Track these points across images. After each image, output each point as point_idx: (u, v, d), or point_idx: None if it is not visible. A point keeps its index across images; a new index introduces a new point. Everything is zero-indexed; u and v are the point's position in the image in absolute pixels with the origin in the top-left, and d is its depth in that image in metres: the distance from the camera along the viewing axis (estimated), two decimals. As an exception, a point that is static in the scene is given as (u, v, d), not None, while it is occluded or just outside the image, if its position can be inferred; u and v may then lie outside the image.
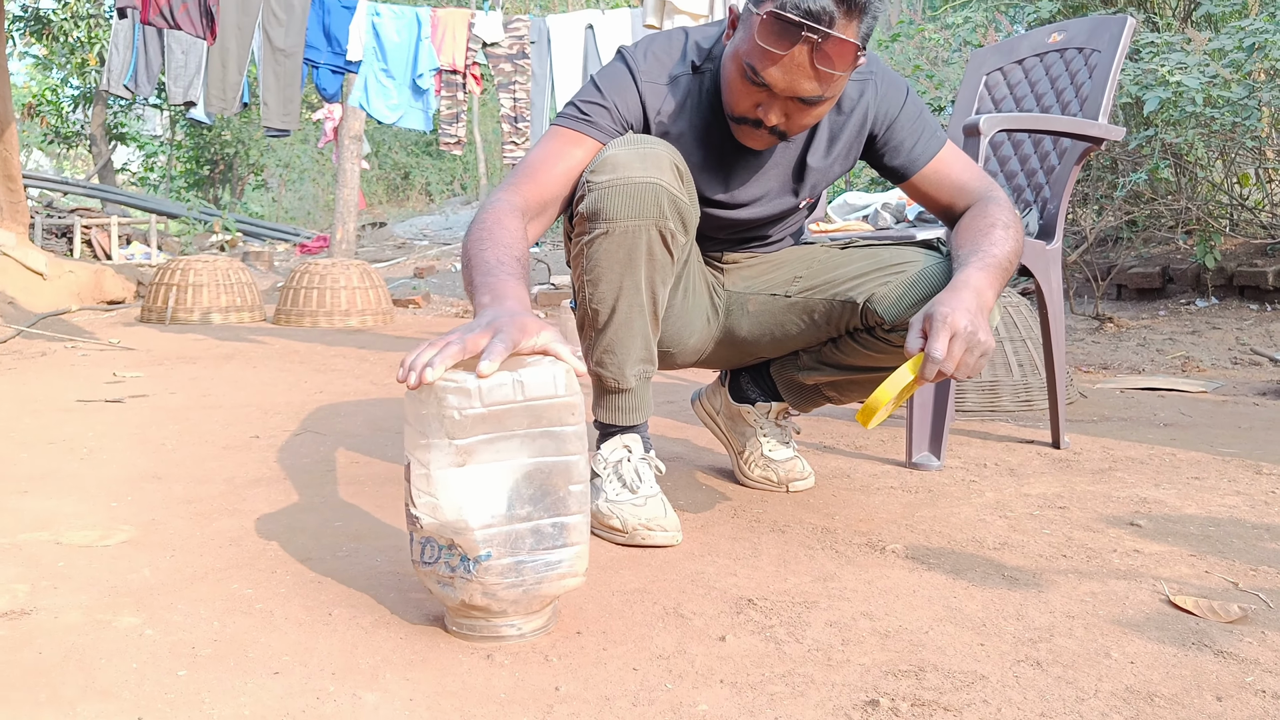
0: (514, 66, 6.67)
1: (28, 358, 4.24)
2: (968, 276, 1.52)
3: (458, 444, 1.15)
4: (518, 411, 1.17)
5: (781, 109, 1.58)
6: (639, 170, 1.57)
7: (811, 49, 1.48)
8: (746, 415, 2.10)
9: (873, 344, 1.81)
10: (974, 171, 1.81)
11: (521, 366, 1.18)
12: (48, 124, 19.23)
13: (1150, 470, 2.28)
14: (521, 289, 1.36)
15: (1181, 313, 5.57)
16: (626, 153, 1.59)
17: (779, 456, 2.07)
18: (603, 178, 1.58)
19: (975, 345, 1.42)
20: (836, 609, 1.37)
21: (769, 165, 1.80)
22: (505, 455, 1.18)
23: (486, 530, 1.17)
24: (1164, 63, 4.90)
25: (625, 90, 1.70)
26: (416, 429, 1.18)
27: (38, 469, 2.13)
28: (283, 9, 6.49)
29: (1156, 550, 1.67)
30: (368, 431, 2.65)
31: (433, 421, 1.15)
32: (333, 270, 6.16)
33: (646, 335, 1.70)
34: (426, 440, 1.16)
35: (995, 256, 1.58)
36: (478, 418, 1.15)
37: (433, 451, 1.16)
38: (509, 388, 1.15)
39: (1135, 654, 1.23)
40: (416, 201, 20.85)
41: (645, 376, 1.74)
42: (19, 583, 1.42)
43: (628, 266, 1.62)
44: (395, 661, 1.17)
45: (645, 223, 1.59)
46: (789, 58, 1.50)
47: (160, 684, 1.10)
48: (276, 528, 1.72)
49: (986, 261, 1.57)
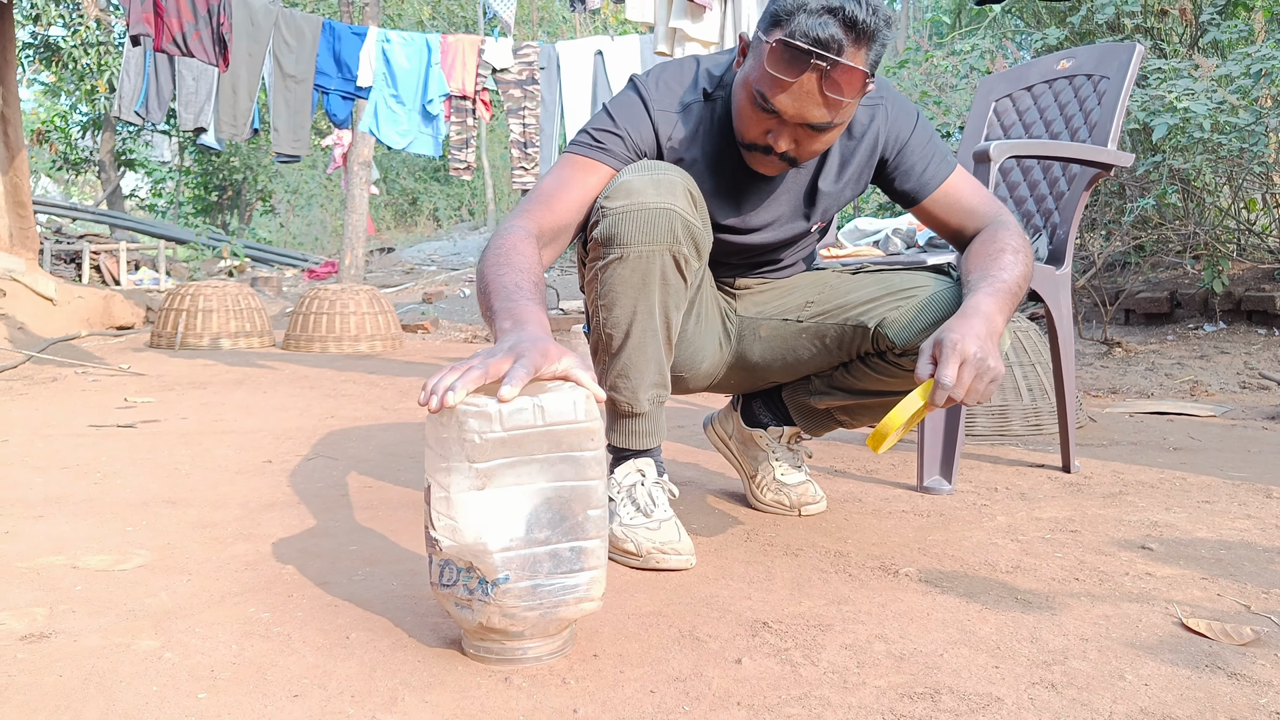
0: (523, 92, 6.72)
1: (39, 383, 4.26)
2: (977, 303, 1.53)
3: (478, 467, 1.16)
4: (538, 436, 1.18)
5: (791, 135, 1.60)
6: (653, 196, 1.59)
7: (820, 76, 1.49)
8: (759, 440, 2.11)
9: (884, 368, 1.82)
10: (983, 196, 1.82)
11: (542, 392, 1.19)
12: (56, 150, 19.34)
13: (1161, 494, 2.28)
14: (541, 313, 1.38)
15: (1190, 337, 5.57)
16: (641, 179, 1.61)
17: (791, 480, 2.07)
18: (617, 203, 1.60)
19: (985, 371, 1.43)
20: (851, 632, 1.38)
21: (780, 190, 1.81)
22: (525, 479, 1.19)
23: (505, 553, 1.18)
24: (1172, 89, 4.92)
25: (638, 118, 1.72)
26: (437, 452, 1.19)
27: (52, 493, 2.15)
28: (293, 35, 6.55)
29: (1168, 573, 1.67)
30: (380, 457, 2.66)
31: (454, 445, 1.16)
32: (342, 295, 6.19)
33: (660, 360, 1.71)
34: (447, 463, 1.17)
35: (1005, 282, 1.59)
36: (498, 441, 1.16)
37: (453, 475, 1.17)
38: (529, 412, 1.17)
39: (1149, 676, 1.23)
40: (424, 227, 20.93)
41: (659, 401, 1.75)
42: (37, 606, 1.43)
43: (641, 291, 1.63)
44: (414, 684, 1.18)
45: (659, 248, 1.60)
46: (798, 85, 1.51)
47: (181, 706, 1.11)
48: (292, 552, 1.73)
49: (996, 287, 1.57)
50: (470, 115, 6.79)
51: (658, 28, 4.59)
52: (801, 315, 1.89)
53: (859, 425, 2.00)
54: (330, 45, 6.62)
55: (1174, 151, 5.30)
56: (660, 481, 1.78)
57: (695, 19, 4.50)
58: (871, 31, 1.49)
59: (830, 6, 1.47)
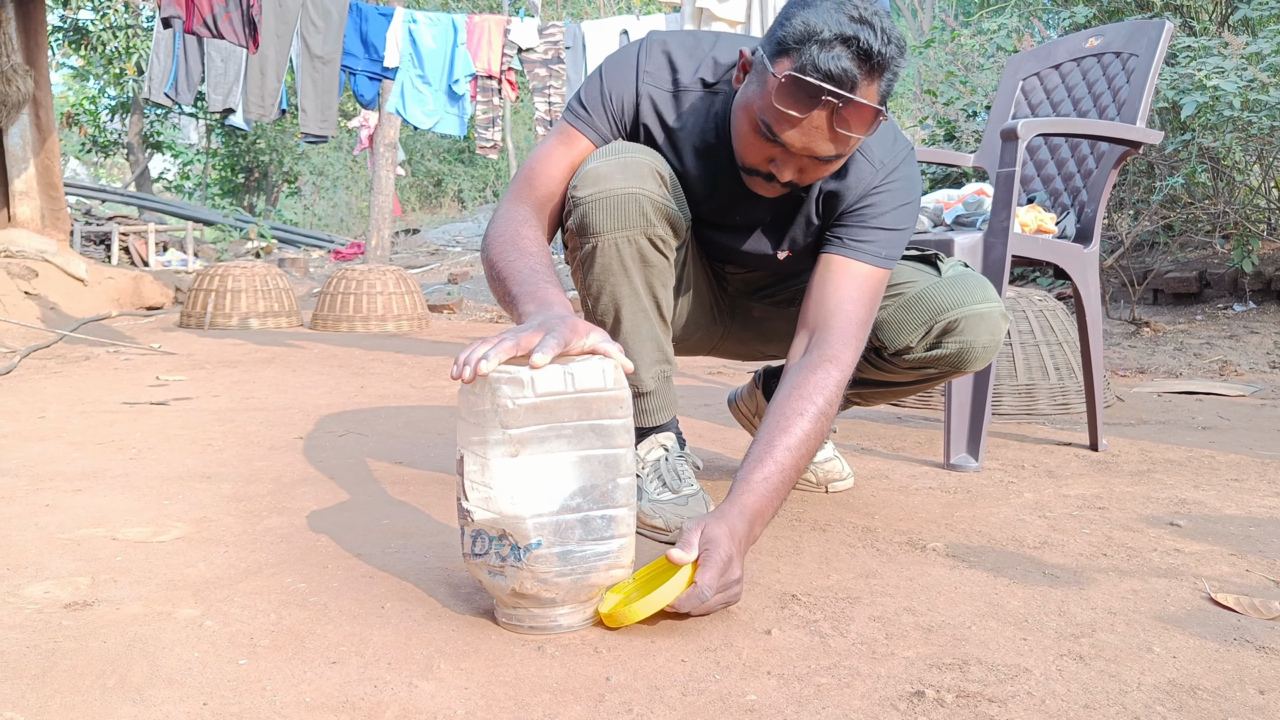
0: (549, 71, 6.72)
1: (72, 362, 4.32)
2: (751, 502, 1.41)
3: (511, 433, 1.18)
4: (568, 403, 1.20)
5: (796, 165, 1.53)
6: (620, 181, 1.59)
7: (831, 112, 1.42)
8: None
9: (880, 364, 1.86)
10: (854, 313, 1.62)
11: (572, 361, 1.22)
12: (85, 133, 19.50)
13: (1189, 472, 2.27)
14: (561, 294, 1.39)
15: (1219, 317, 5.53)
16: (607, 164, 1.61)
17: (817, 458, 2.06)
18: (586, 192, 1.61)
19: (731, 593, 1.32)
20: (879, 604, 1.39)
21: (764, 206, 1.73)
22: (556, 447, 1.21)
23: (538, 519, 1.20)
24: (1201, 67, 4.87)
25: (625, 86, 1.68)
26: (471, 421, 1.21)
27: (90, 468, 2.18)
28: (320, 16, 6.57)
29: (1197, 549, 1.67)
30: (409, 433, 2.69)
31: (488, 412, 1.19)
32: (369, 276, 6.22)
33: (656, 337, 1.72)
34: (481, 431, 1.20)
35: (784, 469, 1.46)
36: (530, 407, 1.18)
37: (488, 442, 1.19)
38: (560, 379, 1.19)
39: (1177, 649, 1.24)
40: (449, 208, 20.98)
41: (664, 376, 1.76)
42: (80, 575, 1.46)
43: (623, 275, 1.65)
44: (449, 652, 1.20)
45: (632, 233, 1.62)
46: (808, 121, 1.44)
47: (222, 671, 1.13)
48: (326, 525, 1.75)
49: (774, 479, 1.44)
50: (496, 95, 6.80)
51: (684, 7, 4.59)
52: (793, 303, 1.89)
53: (873, 404, 2.03)
54: (357, 26, 6.64)
55: (1203, 130, 5.24)
56: (684, 455, 1.80)
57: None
58: (885, 62, 1.41)
59: (844, 35, 1.38)
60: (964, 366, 1.82)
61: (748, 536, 1.38)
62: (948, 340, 1.78)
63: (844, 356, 1.58)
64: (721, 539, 1.31)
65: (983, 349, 1.79)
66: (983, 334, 1.78)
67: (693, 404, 3.30)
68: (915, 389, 1.95)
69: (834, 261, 1.66)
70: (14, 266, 6.06)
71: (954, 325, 1.77)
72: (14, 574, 1.46)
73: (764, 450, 1.47)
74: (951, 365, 1.82)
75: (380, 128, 8.15)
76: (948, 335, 1.78)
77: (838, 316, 1.61)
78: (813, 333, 1.62)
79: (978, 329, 1.78)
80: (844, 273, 1.64)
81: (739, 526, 1.36)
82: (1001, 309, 1.82)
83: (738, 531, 1.35)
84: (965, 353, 1.79)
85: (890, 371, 1.87)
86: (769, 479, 1.43)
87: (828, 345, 1.59)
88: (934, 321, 1.78)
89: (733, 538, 1.33)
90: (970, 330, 1.78)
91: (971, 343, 1.78)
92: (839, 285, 1.63)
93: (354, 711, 1.04)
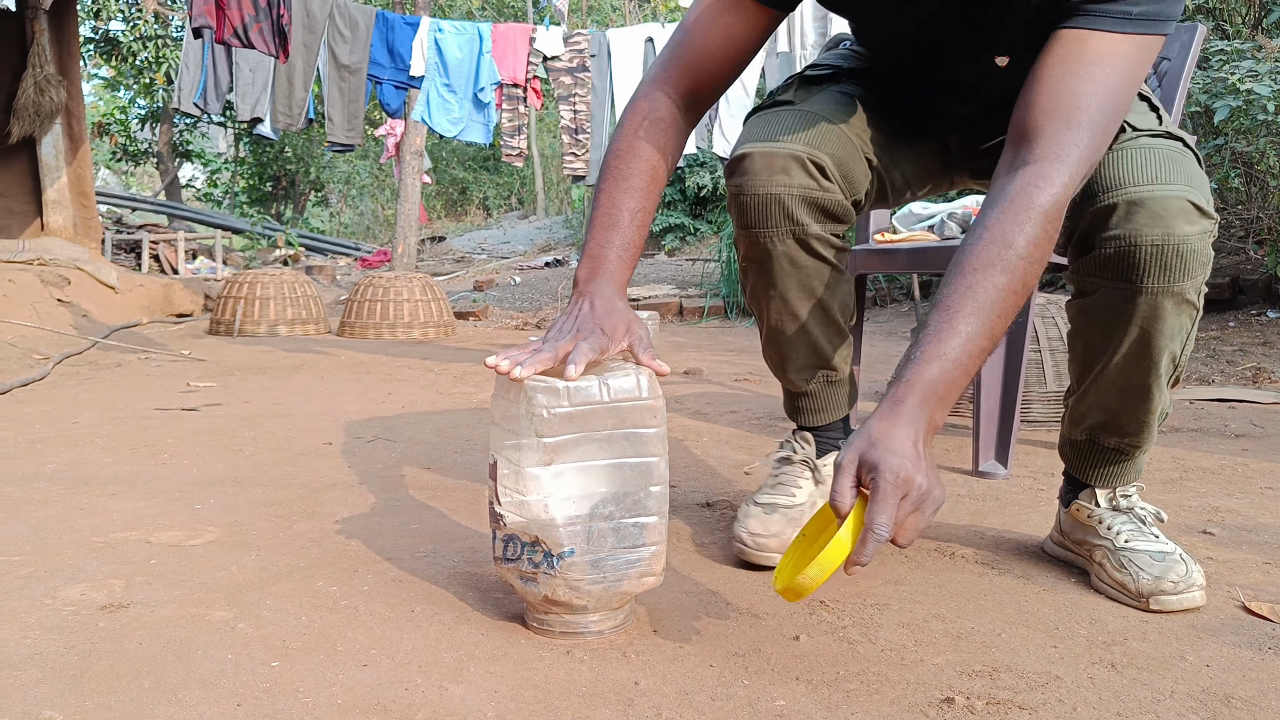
0: (574, 79, 6.74)
1: (104, 368, 4.37)
2: (923, 392, 1.15)
3: (545, 442, 1.19)
4: (602, 412, 1.21)
5: None
6: (764, 178, 1.46)
7: None
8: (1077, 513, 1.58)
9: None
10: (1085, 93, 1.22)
11: (607, 371, 1.23)
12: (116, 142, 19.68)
13: (1222, 480, 2.25)
14: (620, 275, 1.33)
15: (1252, 324, 5.47)
16: (757, 150, 1.47)
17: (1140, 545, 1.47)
18: (735, 180, 1.50)
19: (926, 504, 1.11)
20: (908, 611, 1.38)
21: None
22: (590, 455, 1.21)
23: (570, 528, 1.21)
24: (1234, 71, 4.83)
25: None
26: (505, 429, 1.22)
27: (123, 472, 2.21)
28: (347, 26, 6.62)
29: (1230, 557, 1.66)
30: (437, 439, 2.70)
31: (523, 420, 1.19)
32: (395, 283, 6.26)
33: (809, 340, 1.60)
34: (516, 439, 1.20)
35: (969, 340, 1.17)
36: (565, 417, 1.19)
37: (522, 450, 1.20)
38: (595, 389, 1.20)
39: (1211, 657, 1.23)
40: (475, 216, 21.07)
41: (825, 380, 1.66)
42: (115, 578, 1.47)
43: (770, 278, 1.55)
44: (478, 656, 1.21)
45: (777, 232, 1.49)
46: None
47: (255, 673, 1.14)
48: (356, 530, 1.76)
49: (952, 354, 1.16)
50: (521, 103, 6.83)
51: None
52: None
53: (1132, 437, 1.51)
54: (384, 35, 6.68)
55: (1236, 134, 5.20)
56: (808, 459, 1.67)
57: (747, 5, 4.48)
58: None
59: None
60: (1132, 277, 1.32)
61: (928, 426, 1.14)
62: (1103, 237, 1.34)
63: (1066, 151, 1.21)
64: (883, 457, 1.09)
65: (1150, 249, 1.30)
66: (1147, 226, 1.30)
67: (719, 410, 3.30)
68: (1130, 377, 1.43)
69: (1059, 38, 1.25)
70: (47, 274, 6.13)
71: (1108, 214, 1.34)
72: (51, 576, 1.48)
73: (942, 321, 1.17)
74: (1118, 278, 1.34)
75: (406, 136, 8.20)
76: (1102, 231, 1.34)
77: (1060, 100, 1.22)
78: (1021, 139, 1.25)
79: (1138, 217, 1.31)
80: (1070, 45, 1.24)
81: (909, 423, 1.13)
82: (1193, 198, 1.31)
83: (906, 432, 1.12)
84: (1126, 253, 1.32)
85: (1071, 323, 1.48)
86: (945, 356, 1.16)
87: (1037, 141, 1.22)
88: (1083, 210, 1.36)
89: (904, 451, 1.10)
90: (1129, 220, 1.31)
91: (1131, 237, 1.31)
92: (1063, 61, 1.23)
93: (385, 714, 1.05)
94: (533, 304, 9.73)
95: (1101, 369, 1.44)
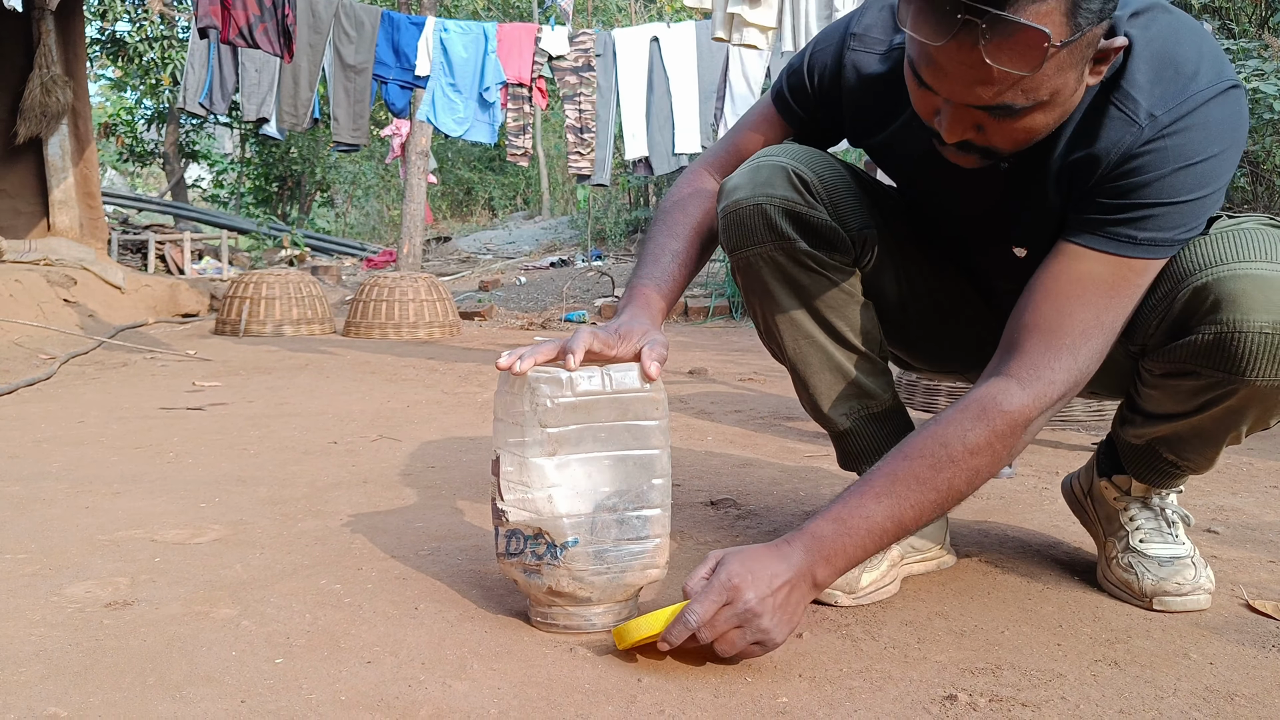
0: (579, 78, 6.75)
1: (110, 368, 4.38)
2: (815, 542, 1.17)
3: (550, 432, 1.21)
4: (605, 403, 1.22)
5: (961, 120, 1.15)
6: (746, 192, 1.41)
7: (976, 39, 1.04)
8: (1104, 492, 1.56)
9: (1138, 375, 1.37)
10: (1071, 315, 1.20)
11: (610, 366, 1.25)
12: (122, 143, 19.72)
13: (1227, 479, 2.25)
14: (656, 297, 1.38)
15: (1256, 323, 5.47)
16: (740, 175, 1.43)
17: (1154, 552, 1.44)
18: (719, 205, 1.45)
19: (752, 633, 1.13)
20: (912, 609, 1.38)
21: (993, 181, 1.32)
22: (593, 447, 1.23)
23: (574, 518, 1.22)
24: (1241, 69, 4.82)
25: (828, 55, 1.41)
26: (508, 422, 1.24)
27: (129, 471, 2.21)
28: (353, 26, 6.64)
29: (1235, 556, 1.65)
30: (441, 438, 2.70)
31: (527, 411, 1.21)
32: (401, 283, 6.26)
33: (836, 365, 1.50)
34: (520, 431, 1.22)
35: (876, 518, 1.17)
36: (569, 406, 1.21)
37: (526, 440, 1.21)
38: (597, 379, 1.22)
39: (1215, 655, 1.23)
40: (480, 216, 21.09)
41: (866, 413, 1.52)
42: (120, 576, 1.48)
43: (769, 299, 1.47)
44: (482, 653, 1.21)
45: (763, 249, 1.42)
46: (945, 52, 1.07)
47: (259, 670, 1.15)
48: (360, 528, 1.77)
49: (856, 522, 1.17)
50: (526, 102, 6.84)
51: (715, 13, 4.59)
52: None
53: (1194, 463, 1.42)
54: (389, 35, 6.70)
55: (1242, 134, 5.19)
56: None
57: (753, 4, 4.49)
58: None
59: None
60: (1238, 369, 1.19)
61: (805, 576, 1.16)
62: (1200, 322, 1.19)
63: (1040, 374, 1.18)
64: (735, 567, 1.14)
65: (1258, 337, 1.15)
66: (1256, 310, 1.15)
67: (723, 410, 3.30)
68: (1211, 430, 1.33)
69: (1058, 250, 1.23)
70: (53, 275, 6.15)
71: (1205, 295, 1.18)
72: (56, 574, 1.48)
73: (861, 492, 1.20)
74: (1218, 368, 1.20)
75: (412, 136, 8.21)
76: (1199, 314, 1.19)
77: (1044, 320, 1.20)
78: (1005, 348, 1.23)
79: (1248, 299, 1.15)
80: (1066, 261, 1.21)
81: (781, 560, 1.16)
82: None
83: (775, 567, 1.15)
84: (1229, 340, 1.17)
85: (1151, 387, 1.33)
86: (845, 524, 1.18)
87: (1014, 357, 1.21)
88: (1176, 291, 1.21)
89: (759, 573, 1.14)
90: (1234, 302, 1.16)
91: (1235, 322, 1.16)
92: (1055, 278, 1.21)
93: (389, 710, 1.05)
94: (538, 304, 9.74)
95: (1179, 420, 1.34)
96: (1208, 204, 1.18)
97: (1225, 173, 1.18)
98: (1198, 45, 1.18)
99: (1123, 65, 1.18)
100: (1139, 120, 1.16)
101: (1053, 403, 1.19)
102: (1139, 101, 1.16)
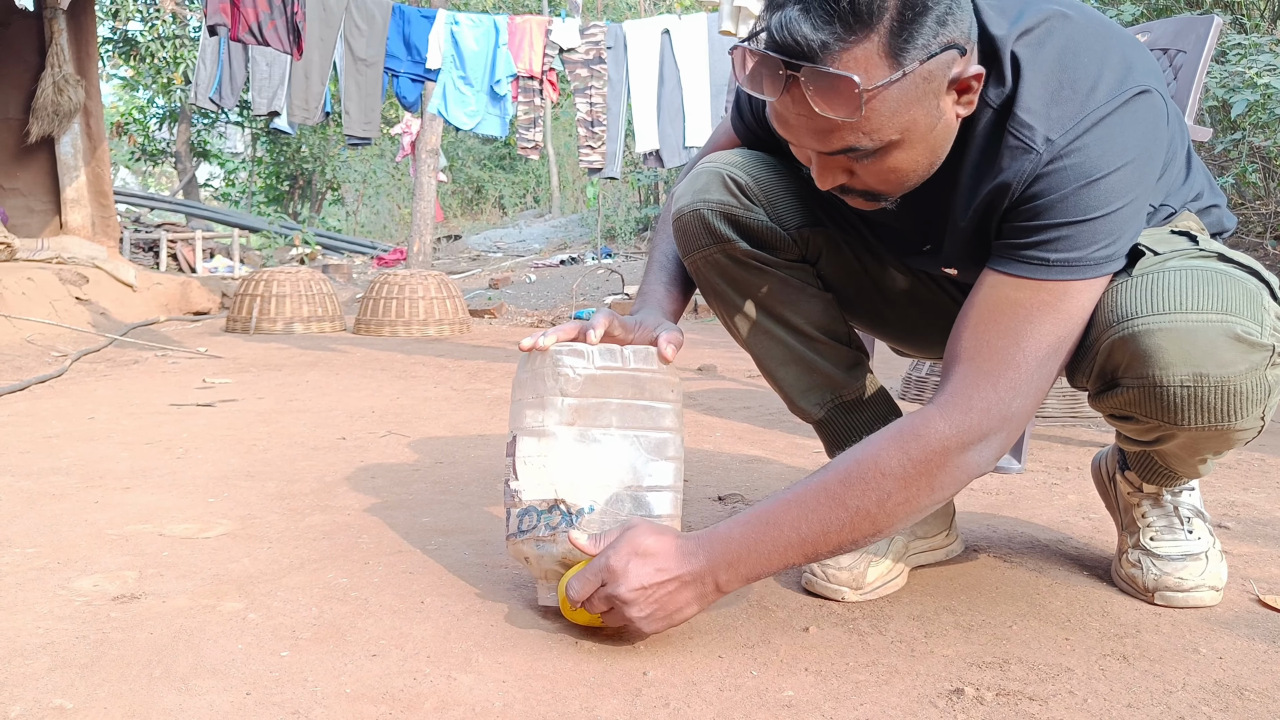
0: (590, 71, 6.75)
1: (121, 365, 4.39)
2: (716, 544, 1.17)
3: (570, 403, 1.26)
4: (624, 379, 1.28)
5: (824, 166, 1.16)
6: (687, 200, 1.44)
7: (800, 89, 1.06)
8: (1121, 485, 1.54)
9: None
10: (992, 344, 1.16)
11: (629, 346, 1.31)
12: (135, 142, 19.81)
13: (1238, 475, 2.24)
14: (669, 292, 1.47)
15: (1269, 319, 5.44)
16: (683, 184, 1.48)
17: (1164, 550, 1.42)
18: (669, 211, 1.50)
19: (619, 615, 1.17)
20: (919, 603, 1.38)
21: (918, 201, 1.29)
22: (609, 422, 1.28)
23: (591, 487, 1.26)
24: (1252, 64, 4.80)
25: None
26: (528, 399, 1.29)
27: (138, 467, 2.22)
28: (364, 19, 6.64)
29: (1246, 551, 1.64)
30: (450, 434, 2.70)
31: (548, 380, 1.27)
32: (411, 281, 6.27)
33: (798, 357, 1.52)
34: (540, 405, 1.27)
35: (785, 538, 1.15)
36: (589, 379, 1.26)
37: (546, 410, 1.27)
38: (616, 355, 1.28)
39: (1224, 650, 1.22)
40: (490, 214, 21.12)
41: (838, 404, 1.54)
42: (128, 570, 1.48)
43: (720, 301, 1.51)
44: (487, 646, 1.21)
45: (706, 252, 1.46)
46: (782, 105, 1.10)
47: (265, 663, 1.15)
48: (367, 523, 1.77)
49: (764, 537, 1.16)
50: (538, 95, 6.84)
51: (723, 6, 4.59)
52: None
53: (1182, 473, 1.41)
54: (400, 28, 6.71)
55: (1254, 129, 5.17)
56: None
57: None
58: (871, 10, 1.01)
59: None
60: (1170, 419, 1.18)
61: (703, 579, 1.16)
62: (1124, 375, 1.18)
63: (958, 403, 1.15)
64: (623, 551, 1.16)
65: (1180, 390, 1.14)
66: (1174, 364, 1.13)
67: (732, 406, 3.30)
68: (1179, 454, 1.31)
69: (981, 279, 1.21)
70: (65, 273, 6.17)
71: (1125, 349, 1.16)
72: (64, 567, 1.48)
73: (775, 506, 1.18)
74: (1151, 416, 1.19)
75: (422, 134, 8.22)
76: (1121, 367, 1.18)
77: (965, 350, 1.18)
78: (942, 374, 1.22)
79: (1164, 355, 1.13)
80: (986, 290, 1.19)
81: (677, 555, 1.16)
82: (1236, 328, 1.11)
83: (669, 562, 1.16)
84: (1154, 395, 1.16)
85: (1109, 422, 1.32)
86: (755, 531, 1.17)
87: (941, 387, 1.19)
88: (1099, 342, 1.18)
89: (653, 555, 1.15)
90: (1151, 358, 1.14)
91: (1154, 378, 1.14)
92: (976, 307, 1.19)
93: (394, 703, 1.05)
94: (548, 302, 9.75)
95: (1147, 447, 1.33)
96: (1123, 217, 1.13)
97: (1138, 184, 1.13)
98: (1100, 55, 1.14)
99: (1014, 90, 1.15)
100: (1036, 146, 1.13)
101: (983, 434, 1.14)
102: (1034, 127, 1.13)
